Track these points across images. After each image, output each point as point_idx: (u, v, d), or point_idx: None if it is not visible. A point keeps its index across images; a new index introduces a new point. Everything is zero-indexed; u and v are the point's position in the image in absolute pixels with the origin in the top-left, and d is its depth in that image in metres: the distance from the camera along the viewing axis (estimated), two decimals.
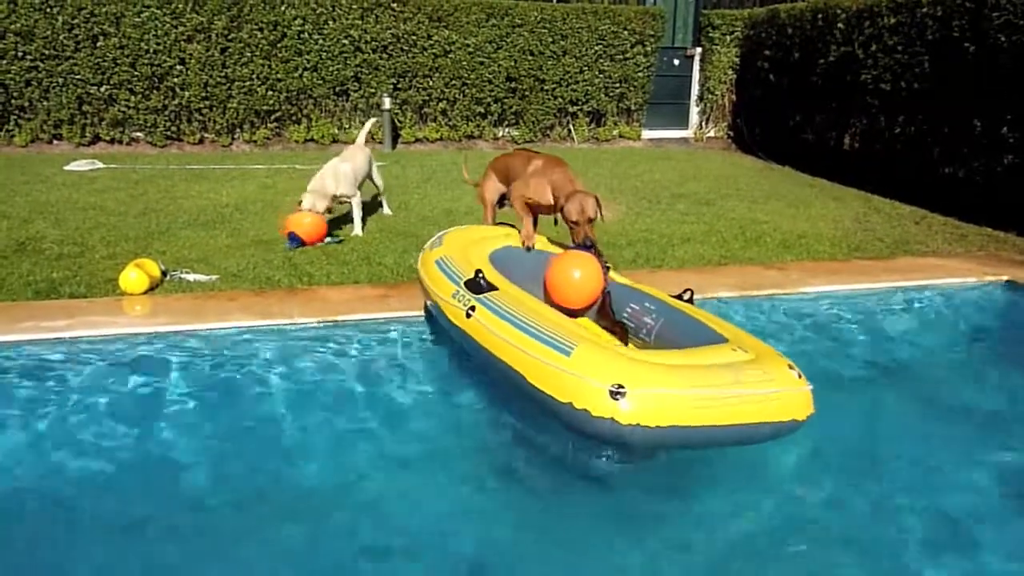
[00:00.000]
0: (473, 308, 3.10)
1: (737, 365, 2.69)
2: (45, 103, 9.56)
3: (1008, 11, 6.52)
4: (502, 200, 4.35)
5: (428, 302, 3.69)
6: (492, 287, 3.19)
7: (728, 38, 11.92)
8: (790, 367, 2.78)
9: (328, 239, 5.46)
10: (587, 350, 2.63)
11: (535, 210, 3.96)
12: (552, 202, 3.79)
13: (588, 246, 3.64)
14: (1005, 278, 4.98)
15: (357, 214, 5.76)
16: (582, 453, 2.88)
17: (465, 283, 3.27)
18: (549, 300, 3.51)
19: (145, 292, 4.24)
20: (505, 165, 4.21)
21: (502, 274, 3.49)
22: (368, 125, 6.79)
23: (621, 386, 2.43)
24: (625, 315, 3.58)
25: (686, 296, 3.54)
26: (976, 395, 3.69)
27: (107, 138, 9.96)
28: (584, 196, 3.68)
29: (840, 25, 8.90)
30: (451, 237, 3.87)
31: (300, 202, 5.40)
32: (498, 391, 3.16)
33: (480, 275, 3.25)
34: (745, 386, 2.58)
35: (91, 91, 9.65)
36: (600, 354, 2.63)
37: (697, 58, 12.47)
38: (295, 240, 5.26)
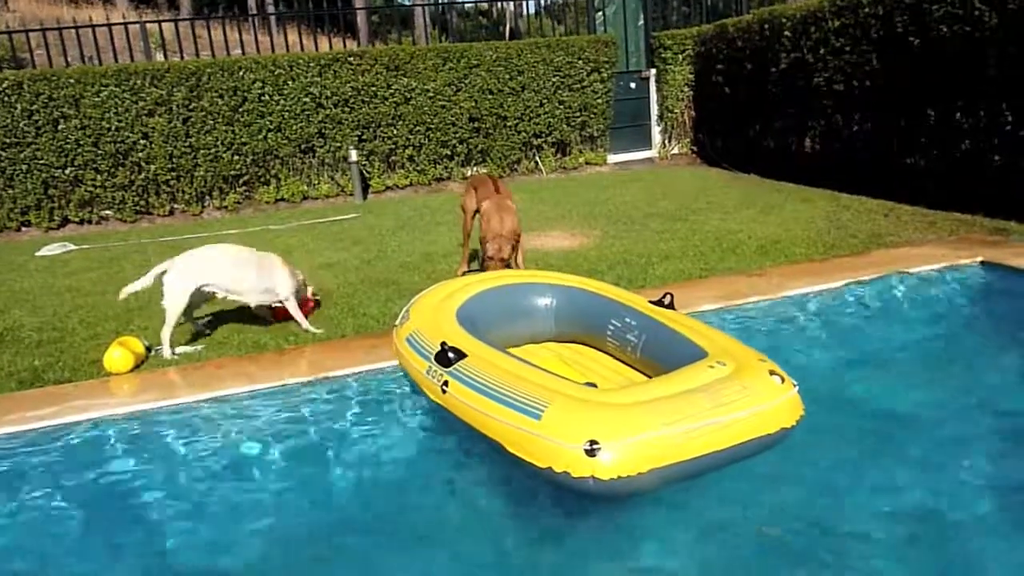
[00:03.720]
0: (447, 383, 3.01)
1: (715, 386, 2.64)
2: (11, 191, 9.54)
3: (946, 3, 6.73)
4: (477, 211, 5.44)
5: (407, 378, 3.59)
6: (461, 355, 3.08)
7: (680, 57, 12.17)
8: (772, 372, 2.76)
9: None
10: (556, 409, 2.55)
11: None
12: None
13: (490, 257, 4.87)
14: (980, 259, 5.06)
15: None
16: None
17: (435, 357, 3.16)
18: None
19: (131, 370, 4.20)
20: (476, 185, 5.56)
21: (477, 328, 3.43)
22: None
23: (595, 442, 2.38)
24: (609, 332, 3.60)
25: (666, 301, 3.57)
26: (973, 372, 3.74)
27: (76, 219, 9.93)
28: (503, 239, 4.85)
29: (787, 33, 9.13)
30: (417, 308, 3.74)
31: None
32: None
33: (446, 347, 3.13)
34: (724, 409, 2.54)
35: (56, 174, 9.64)
36: (570, 410, 2.55)
37: (653, 79, 12.71)
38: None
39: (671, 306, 3.56)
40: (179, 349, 4.52)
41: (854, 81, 8.18)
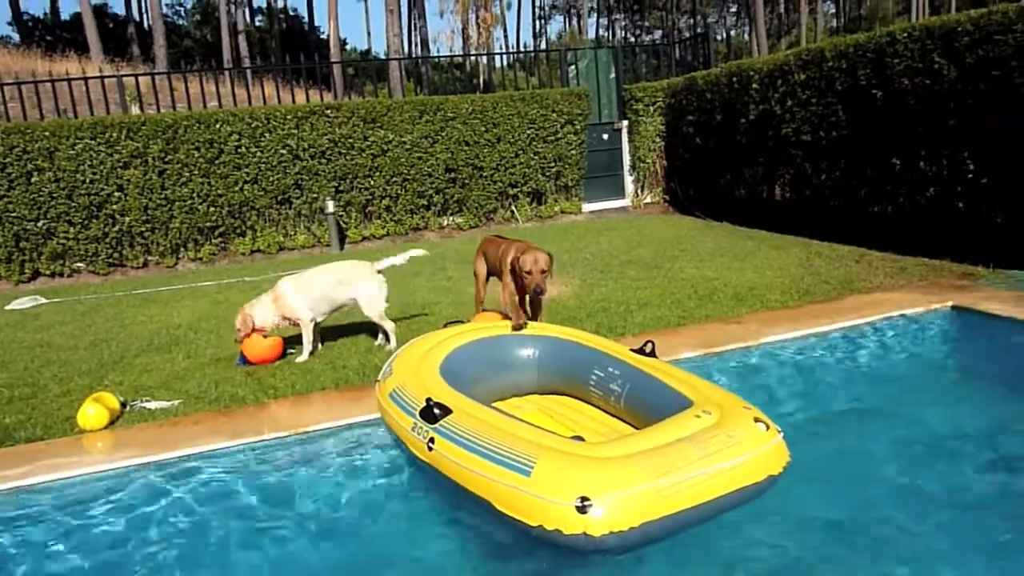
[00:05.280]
0: (432, 440, 2.96)
1: (701, 436, 2.65)
2: None
3: (907, 56, 7.00)
4: (488, 274, 5.10)
5: (392, 436, 3.54)
6: (447, 411, 3.05)
7: (651, 108, 12.46)
8: (756, 420, 2.77)
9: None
10: (546, 465, 2.53)
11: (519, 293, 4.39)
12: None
13: (539, 293, 4.17)
14: (950, 303, 5.17)
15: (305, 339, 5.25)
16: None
17: (420, 414, 3.12)
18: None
19: (106, 427, 4.11)
20: (485, 248, 5.07)
21: (461, 382, 3.41)
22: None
23: (586, 498, 2.36)
24: (592, 382, 3.60)
25: (647, 349, 3.58)
26: (948, 415, 3.79)
27: (47, 272, 9.80)
28: (537, 251, 4.23)
29: (755, 85, 9.40)
30: (400, 363, 3.71)
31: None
32: None
33: (431, 402, 3.10)
34: (712, 459, 2.54)
35: (28, 227, 9.56)
36: (559, 466, 2.52)
37: (625, 130, 12.97)
38: (243, 359, 5.17)
39: (652, 354, 3.58)
40: (154, 404, 4.44)
41: (821, 131, 8.42)
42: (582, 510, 2.35)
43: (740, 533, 2.84)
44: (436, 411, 3.03)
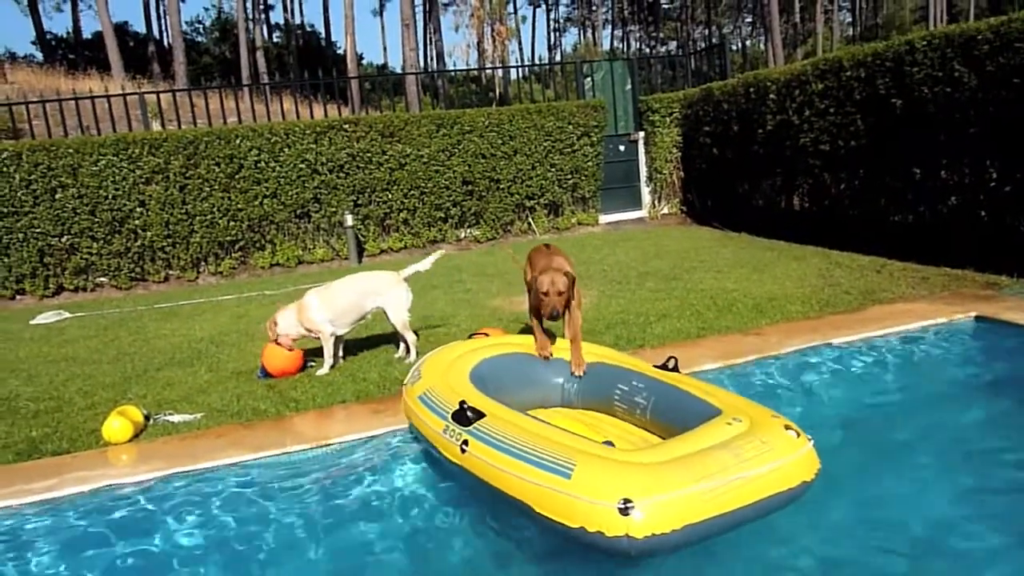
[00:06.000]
0: (466, 442, 2.99)
1: (735, 442, 2.67)
2: (6, 260, 9.56)
3: (926, 65, 6.97)
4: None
5: (420, 438, 3.55)
6: (480, 414, 3.09)
7: (668, 119, 12.46)
8: (787, 427, 2.79)
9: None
10: (586, 467, 2.56)
11: (539, 313, 4.05)
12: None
13: (554, 317, 3.89)
14: (973, 314, 5.11)
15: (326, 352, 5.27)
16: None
17: (452, 416, 3.16)
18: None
19: (131, 440, 4.15)
20: (531, 258, 4.50)
21: (488, 390, 3.44)
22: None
23: (628, 500, 2.38)
24: (616, 397, 3.59)
25: (671, 364, 3.59)
26: (975, 427, 3.75)
27: (71, 287, 9.93)
28: (555, 272, 3.91)
29: (772, 96, 9.38)
30: (428, 367, 3.76)
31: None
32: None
33: (465, 405, 3.14)
34: (748, 464, 2.57)
35: (52, 242, 9.69)
36: (600, 469, 2.55)
37: (641, 142, 12.97)
38: (264, 372, 5.21)
39: (675, 369, 3.58)
40: (177, 418, 4.48)
41: (839, 141, 8.38)
42: (624, 512, 2.37)
43: (763, 542, 2.82)
44: (470, 414, 3.08)
